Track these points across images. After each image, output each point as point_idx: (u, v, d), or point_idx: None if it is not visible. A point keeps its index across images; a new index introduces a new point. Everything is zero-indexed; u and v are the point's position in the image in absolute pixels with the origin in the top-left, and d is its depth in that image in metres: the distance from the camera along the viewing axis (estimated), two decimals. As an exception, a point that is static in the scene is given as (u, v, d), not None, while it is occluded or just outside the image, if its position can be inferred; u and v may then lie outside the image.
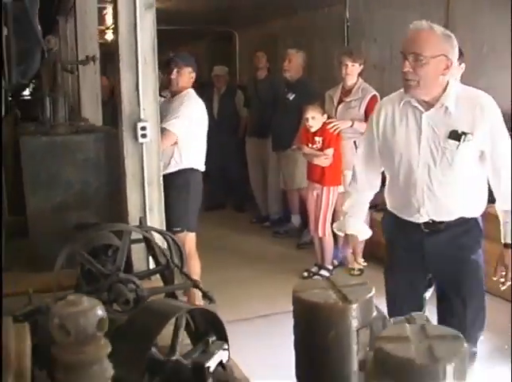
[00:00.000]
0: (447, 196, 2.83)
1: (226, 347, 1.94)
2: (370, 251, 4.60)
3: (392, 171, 2.99)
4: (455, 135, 2.71)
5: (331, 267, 5.67)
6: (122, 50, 3.43)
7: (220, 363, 1.89)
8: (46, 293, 2.45)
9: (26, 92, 9.13)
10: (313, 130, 5.47)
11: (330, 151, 5.43)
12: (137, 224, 3.26)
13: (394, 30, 6.93)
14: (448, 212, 2.87)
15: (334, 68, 7.91)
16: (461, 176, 2.82)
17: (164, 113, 4.39)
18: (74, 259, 2.65)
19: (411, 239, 2.98)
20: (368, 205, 3.34)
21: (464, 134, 2.69)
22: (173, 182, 4.48)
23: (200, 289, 2.63)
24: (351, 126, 5.48)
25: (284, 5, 8.19)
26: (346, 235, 3.41)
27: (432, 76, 2.67)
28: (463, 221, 2.89)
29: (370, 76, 5.94)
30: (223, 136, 7.94)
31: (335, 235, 5.75)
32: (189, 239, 4.61)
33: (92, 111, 5.81)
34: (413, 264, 3.03)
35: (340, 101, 5.68)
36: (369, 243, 5.73)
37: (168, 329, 1.94)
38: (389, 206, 3.10)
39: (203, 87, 9.01)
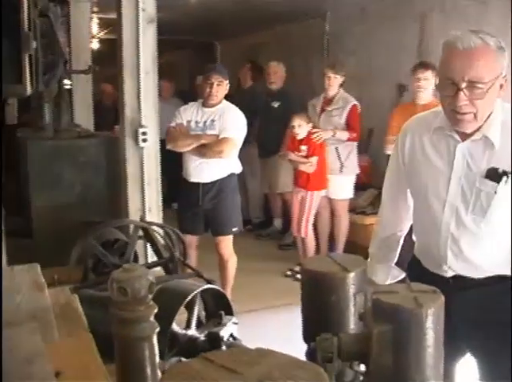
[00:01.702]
0: (477, 252, 2.22)
1: (236, 321, 2.25)
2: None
3: (416, 208, 2.44)
4: (495, 174, 2.11)
5: (313, 266, 5.97)
6: (126, 62, 3.74)
7: (231, 335, 2.20)
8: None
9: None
10: (299, 137, 5.82)
11: (314, 159, 5.79)
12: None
13: (372, 43, 7.32)
14: (478, 270, 2.24)
15: (313, 79, 8.29)
16: (498, 228, 2.18)
17: (200, 120, 4.67)
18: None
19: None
20: (400, 244, 2.61)
21: (506, 174, 2.09)
22: (226, 186, 4.86)
23: (204, 277, 2.94)
24: (333, 135, 5.88)
25: (264, 18, 8.48)
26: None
27: (490, 103, 2.09)
28: (502, 277, 2.23)
29: (349, 88, 6.28)
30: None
31: (316, 236, 6.10)
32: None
33: (84, 118, 6.08)
34: None
35: (322, 110, 6.08)
36: (347, 247, 6.11)
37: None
38: (415, 249, 2.49)
39: (184, 96, 9.34)
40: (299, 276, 5.86)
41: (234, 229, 4.95)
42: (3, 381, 1.02)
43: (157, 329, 1.57)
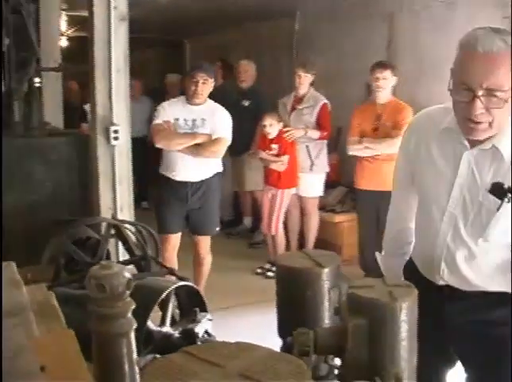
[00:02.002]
0: (471, 268, 2.08)
1: (210, 318, 2.26)
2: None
3: (418, 208, 2.29)
4: (499, 190, 1.94)
5: (283, 264, 6.00)
6: (97, 60, 3.72)
7: (206, 331, 2.22)
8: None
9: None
10: (271, 137, 5.85)
11: (286, 158, 5.83)
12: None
13: (341, 43, 7.38)
14: (470, 286, 2.11)
15: (282, 78, 8.34)
16: (496, 247, 2.04)
17: (189, 118, 4.68)
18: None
19: (430, 301, 1.96)
20: (413, 238, 2.39)
21: (510, 191, 1.93)
22: (212, 186, 4.87)
23: (176, 275, 2.94)
24: (305, 134, 5.94)
25: (234, 16, 8.50)
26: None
27: (507, 112, 1.89)
28: (496, 293, 2.09)
29: (318, 87, 6.33)
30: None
31: (286, 234, 6.15)
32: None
33: (54, 115, 6.03)
34: (430, 334, 2.02)
35: (293, 108, 6.13)
36: (317, 245, 6.16)
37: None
38: (412, 250, 2.37)
39: (154, 94, 9.32)
40: (269, 274, 5.92)
41: (216, 229, 5.03)
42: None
43: (135, 326, 1.58)
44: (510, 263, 2.02)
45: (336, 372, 1.67)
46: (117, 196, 3.87)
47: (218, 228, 5.03)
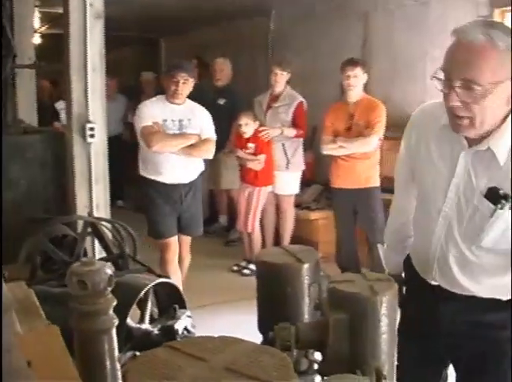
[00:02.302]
0: (462, 273, 2.03)
1: (189, 314, 2.27)
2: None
3: (416, 203, 2.25)
4: (494, 195, 1.86)
5: (259, 261, 6.01)
6: (73, 57, 3.70)
7: (185, 328, 2.22)
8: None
9: None
10: (246, 136, 5.86)
11: (262, 157, 5.85)
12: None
13: (316, 42, 7.42)
14: (463, 290, 2.06)
15: (258, 76, 8.35)
16: (492, 254, 1.97)
17: (175, 118, 4.58)
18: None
19: (424, 299, 2.19)
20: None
21: (506, 197, 1.84)
22: (199, 186, 4.84)
23: (154, 273, 2.95)
24: (281, 133, 5.96)
25: (210, 15, 8.49)
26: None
27: (493, 112, 1.81)
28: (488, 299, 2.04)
29: (293, 86, 6.35)
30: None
31: (262, 232, 6.16)
32: None
33: (28, 114, 5.97)
34: (425, 333, 2.18)
35: (269, 107, 6.14)
36: (292, 242, 6.18)
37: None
38: (411, 246, 2.33)
39: (129, 92, 9.28)
40: (245, 271, 5.93)
41: (201, 229, 5.00)
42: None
43: (116, 322, 1.59)
44: (503, 270, 1.96)
45: (316, 366, 1.69)
46: (93, 195, 3.85)
47: (202, 228, 5.01)
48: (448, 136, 1.96)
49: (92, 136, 3.77)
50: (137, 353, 2.16)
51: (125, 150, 8.76)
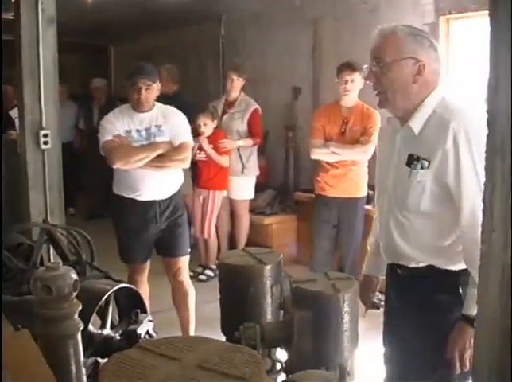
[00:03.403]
0: (402, 237, 2.27)
1: (151, 318, 2.28)
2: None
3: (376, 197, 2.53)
4: (410, 160, 2.20)
5: (215, 267, 6.03)
6: (25, 62, 3.66)
7: (147, 332, 2.23)
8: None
9: None
10: (205, 136, 5.84)
11: (227, 158, 5.91)
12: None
13: (267, 47, 7.48)
14: (405, 258, 2.29)
15: (208, 82, 8.37)
16: (420, 217, 2.23)
17: (141, 128, 4.05)
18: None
19: (390, 283, 2.45)
20: None
21: (418, 159, 2.17)
22: (180, 200, 4.28)
23: (112, 278, 2.93)
24: (239, 147, 6.02)
25: (159, 20, 8.47)
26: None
27: (402, 87, 2.20)
28: (436, 272, 2.23)
29: (245, 90, 6.39)
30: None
31: (217, 237, 6.17)
32: None
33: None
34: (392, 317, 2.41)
35: (224, 112, 6.14)
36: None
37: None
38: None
39: (79, 99, 9.19)
40: (201, 277, 5.94)
41: (187, 249, 4.33)
42: None
43: (82, 327, 1.59)
44: (433, 233, 2.22)
45: (279, 366, 1.72)
46: (47, 201, 3.81)
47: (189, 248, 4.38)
48: (391, 125, 2.37)
49: (46, 143, 3.73)
50: (100, 360, 2.16)
51: (76, 157, 8.69)
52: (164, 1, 6.95)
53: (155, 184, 4.03)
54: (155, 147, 3.98)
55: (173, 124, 4.09)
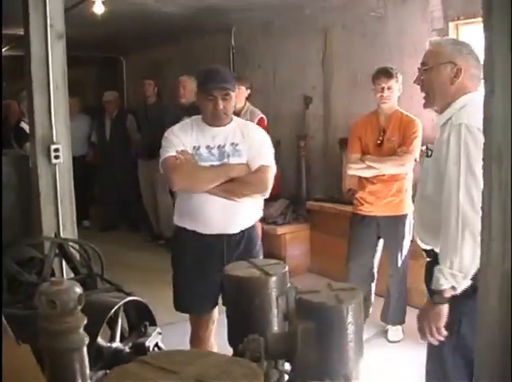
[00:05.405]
0: (421, 225, 2.74)
1: (160, 331, 2.28)
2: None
3: None
4: (426, 150, 2.72)
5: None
6: (35, 78, 3.69)
7: (156, 345, 2.24)
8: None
9: None
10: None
11: None
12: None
13: (276, 57, 7.51)
14: (427, 244, 2.69)
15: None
16: (429, 204, 2.66)
17: (213, 144, 3.37)
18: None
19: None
20: None
21: (428, 148, 2.67)
22: (255, 236, 3.60)
23: (123, 291, 2.94)
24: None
25: (169, 32, 8.53)
26: None
27: (438, 86, 2.60)
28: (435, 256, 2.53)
29: (255, 101, 6.40)
30: (115, 158, 8.35)
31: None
32: None
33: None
34: None
35: (230, 123, 6.10)
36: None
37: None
38: None
39: (92, 112, 9.26)
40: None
41: None
42: None
43: (87, 341, 1.60)
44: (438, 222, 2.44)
45: (286, 377, 1.72)
46: (59, 215, 3.84)
47: None
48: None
49: (57, 157, 3.77)
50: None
51: (89, 170, 8.75)
52: (175, 13, 7.00)
53: (222, 214, 3.33)
54: (227, 169, 3.30)
55: (252, 143, 3.38)
